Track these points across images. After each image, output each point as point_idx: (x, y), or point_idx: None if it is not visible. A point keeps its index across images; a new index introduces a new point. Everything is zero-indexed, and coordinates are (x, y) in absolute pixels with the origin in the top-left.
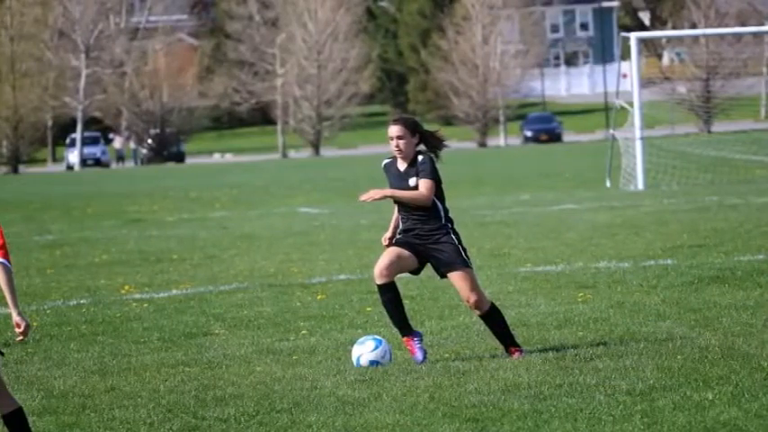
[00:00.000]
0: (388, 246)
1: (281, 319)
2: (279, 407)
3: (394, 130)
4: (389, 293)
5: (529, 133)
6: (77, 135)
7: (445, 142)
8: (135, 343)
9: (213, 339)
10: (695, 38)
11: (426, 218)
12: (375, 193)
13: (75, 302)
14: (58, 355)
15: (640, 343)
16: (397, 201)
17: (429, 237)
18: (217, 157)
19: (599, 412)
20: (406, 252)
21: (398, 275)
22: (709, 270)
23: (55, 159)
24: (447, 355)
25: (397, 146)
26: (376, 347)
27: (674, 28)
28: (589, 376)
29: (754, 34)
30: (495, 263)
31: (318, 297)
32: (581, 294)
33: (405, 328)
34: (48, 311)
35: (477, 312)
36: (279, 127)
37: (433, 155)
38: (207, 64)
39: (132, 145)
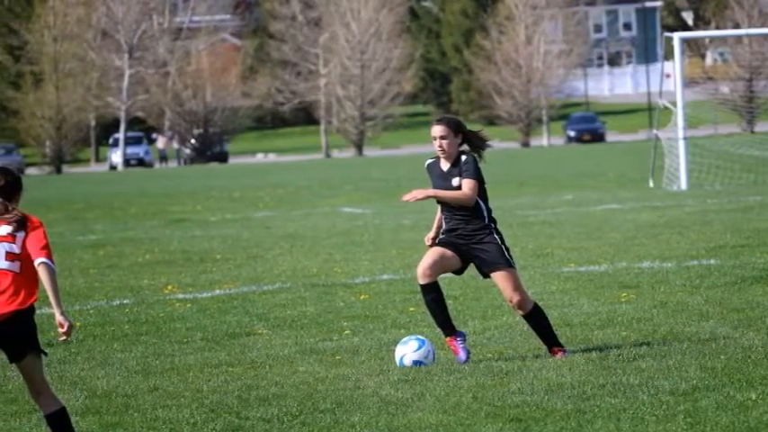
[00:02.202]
0: (431, 246)
1: (324, 319)
2: (322, 407)
3: (437, 130)
4: (433, 293)
5: (572, 133)
6: (120, 135)
7: (488, 142)
8: (178, 343)
9: (256, 339)
10: (738, 38)
11: (469, 218)
12: (418, 194)
13: (118, 302)
14: (101, 355)
15: (683, 343)
16: (440, 201)
17: (472, 237)
18: (260, 157)
19: (642, 412)
20: (449, 252)
21: (441, 275)
22: (753, 270)
23: (98, 159)
24: (490, 355)
25: (441, 146)
26: (419, 347)
27: (717, 28)
28: (632, 376)
29: None
30: (538, 263)
31: (361, 297)
32: (624, 294)
33: (448, 328)
34: (91, 311)
35: (521, 312)
36: (322, 127)
37: (476, 155)
38: (250, 64)
39: (175, 145)
